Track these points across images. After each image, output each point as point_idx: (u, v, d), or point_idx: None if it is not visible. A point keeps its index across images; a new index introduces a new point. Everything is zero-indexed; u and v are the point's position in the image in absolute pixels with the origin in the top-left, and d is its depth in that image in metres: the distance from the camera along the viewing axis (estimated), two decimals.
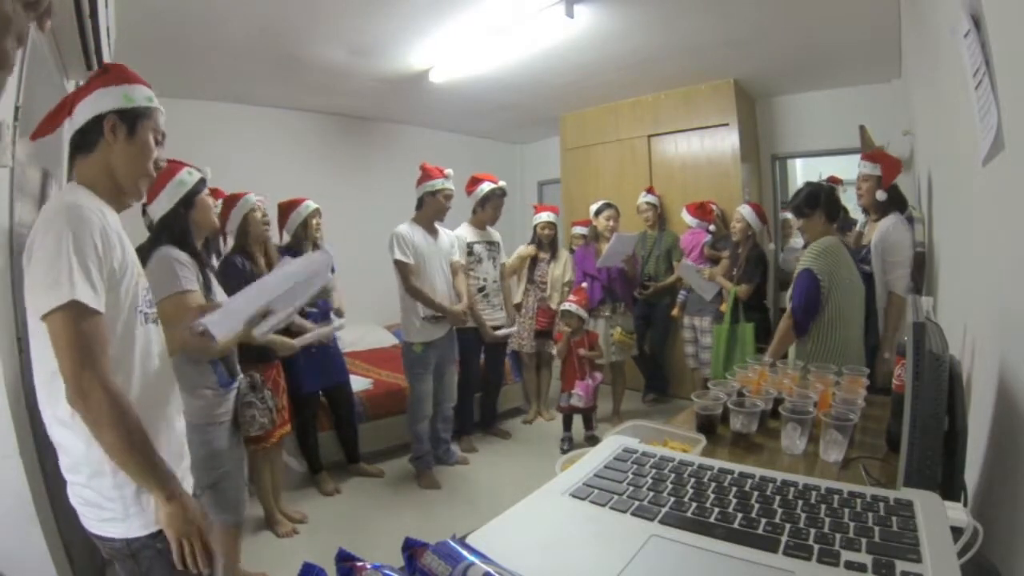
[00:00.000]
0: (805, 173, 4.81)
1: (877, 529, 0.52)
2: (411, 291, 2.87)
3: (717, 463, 0.69)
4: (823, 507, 0.57)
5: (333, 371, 2.92)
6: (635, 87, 4.32)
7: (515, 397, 4.19)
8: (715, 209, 3.96)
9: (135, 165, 1.10)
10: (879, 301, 2.48)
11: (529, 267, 3.88)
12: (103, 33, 1.74)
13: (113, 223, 1.06)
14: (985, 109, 0.81)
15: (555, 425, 3.73)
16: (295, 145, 4.69)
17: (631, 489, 0.63)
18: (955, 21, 0.96)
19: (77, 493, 1.05)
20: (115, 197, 1.11)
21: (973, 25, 0.84)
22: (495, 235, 3.48)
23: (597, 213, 3.79)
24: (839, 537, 0.51)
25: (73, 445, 1.01)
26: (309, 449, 2.94)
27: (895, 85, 3.69)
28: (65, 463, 1.05)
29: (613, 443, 0.77)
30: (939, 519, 0.53)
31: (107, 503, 1.03)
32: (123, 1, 2.27)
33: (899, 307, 2.43)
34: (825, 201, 2.26)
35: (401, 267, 2.87)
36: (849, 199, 3.17)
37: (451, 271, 3.04)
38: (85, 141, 1.08)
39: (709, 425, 1.09)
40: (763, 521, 0.55)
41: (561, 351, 3.33)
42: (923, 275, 2.46)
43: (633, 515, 0.58)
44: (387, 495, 2.94)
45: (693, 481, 0.64)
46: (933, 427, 0.68)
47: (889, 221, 2.50)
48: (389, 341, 4.60)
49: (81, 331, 0.94)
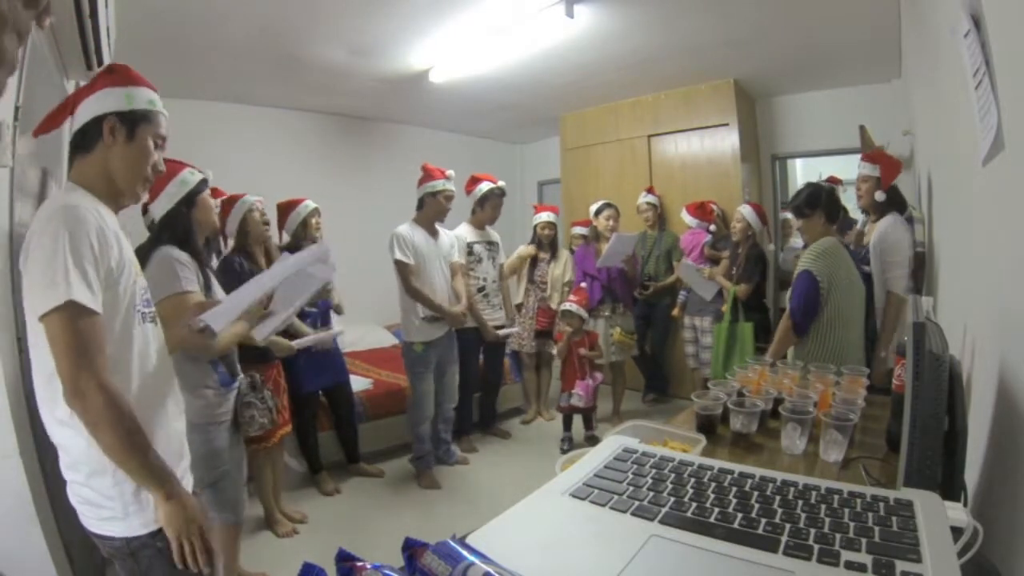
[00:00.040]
0: (805, 173, 4.81)
1: (877, 529, 0.52)
2: (411, 292, 2.88)
3: (717, 463, 0.69)
4: (823, 507, 0.57)
5: (333, 371, 2.92)
6: (635, 87, 4.32)
7: (515, 397, 4.18)
8: (715, 209, 3.96)
9: (133, 168, 1.10)
10: (877, 301, 2.49)
11: (529, 267, 3.88)
12: (103, 33, 1.74)
13: (110, 222, 1.05)
14: (985, 109, 0.81)
15: (555, 425, 3.73)
16: (295, 145, 4.69)
17: (631, 489, 0.63)
18: (955, 21, 0.96)
19: (76, 492, 1.05)
20: (112, 198, 1.11)
21: (973, 25, 0.84)
22: (494, 235, 3.48)
23: (597, 213, 3.79)
24: (839, 537, 0.51)
25: (73, 444, 1.01)
26: (309, 449, 2.94)
27: (895, 85, 3.69)
28: (65, 461, 1.05)
29: (613, 443, 0.77)
30: (939, 519, 0.53)
31: (106, 502, 1.03)
32: (123, 1, 2.26)
33: (897, 307, 2.44)
34: (825, 202, 2.26)
35: (401, 268, 2.87)
36: (849, 199, 3.18)
37: (450, 272, 3.04)
38: (84, 141, 1.08)
39: (709, 425, 1.09)
40: (763, 521, 0.55)
41: (562, 351, 3.33)
42: (923, 275, 2.47)
43: (633, 515, 0.58)
44: (387, 495, 2.94)
45: (693, 481, 0.64)
46: (933, 427, 0.68)
47: (887, 221, 2.50)
48: (389, 341, 4.60)
49: (78, 331, 0.93)
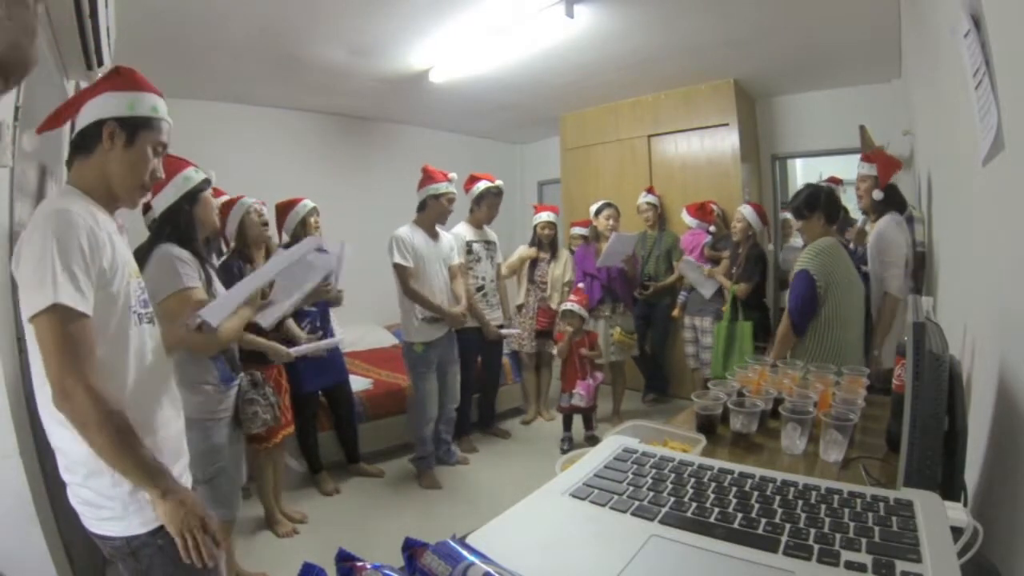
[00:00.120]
0: (805, 173, 4.82)
1: (877, 529, 0.52)
2: (409, 294, 2.88)
3: (717, 463, 0.69)
4: (823, 507, 0.57)
5: (333, 371, 2.92)
6: (635, 87, 4.32)
7: (515, 397, 4.18)
8: (715, 209, 3.96)
9: (130, 174, 1.10)
10: (874, 301, 2.49)
11: (529, 267, 3.88)
12: (103, 33, 1.74)
13: (104, 224, 1.05)
14: (985, 109, 0.81)
15: (555, 425, 3.73)
16: (295, 145, 4.69)
17: (631, 489, 0.63)
18: (955, 21, 0.96)
19: (75, 493, 1.06)
20: (108, 203, 1.11)
21: (973, 25, 0.84)
22: (491, 235, 3.49)
23: (597, 213, 3.79)
24: (839, 537, 0.51)
25: (69, 446, 1.01)
26: (309, 449, 2.94)
27: (895, 85, 3.69)
28: (62, 463, 1.05)
29: (613, 443, 0.77)
30: (939, 519, 0.53)
31: (105, 502, 1.03)
32: (123, 1, 2.26)
33: (892, 307, 2.44)
34: (825, 203, 2.26)
35: (400, 271, 2.87)
36: (849, 199, 3.18)
37: (449, 274, 3.04)
38: (84, 143, 1.08)
39: (709, 425, 1.09)
40: (763, 521, 0.55)
41: (562, 351, 3.32)
42: (923, 275, 2.47)
43: (633, 515, 0.58)
44: (387, 495, 2.94)
45: (693, 481, 0.64)
46: (933, 427, 0.67)
47: (885, 221, 2.51)
48: (389, 341, 4.60)
49: (66, 334, 0.93)
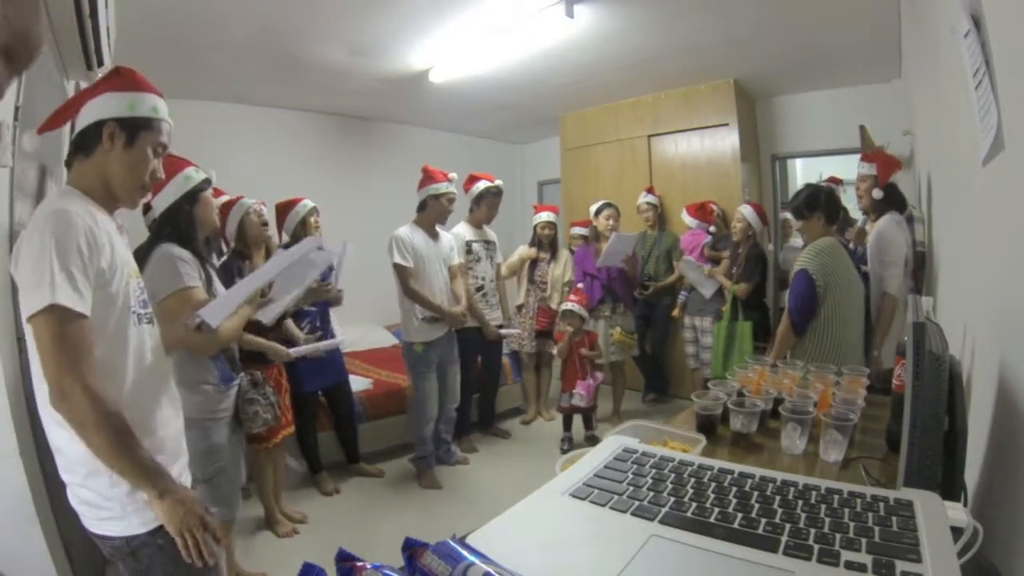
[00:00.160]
0: (805, 173, 4.81)
1: (877, 529, 0.52)
2: (409, 294, 2.88)
3: (717, 463, 0.69)
4: (823, 507, 0.57)
5: (332, 371, 2.92)
6: (635, 87, 4.32)
7: (514, 397, 4.18)
8: (715, 209, 3.96)
9: (130, 175, 1.10)
10: (874, 301, 2.49)
11: (529, 267, 3.89)
12: (103, 33, 1.74)
13: (103, 224, 1.05)
14: (985, 109, 0.81)
15: (555, 425, 3.73)
16: (295, 145, 4.69)
17: (631, 489, 0.63)
18: (955, 21, 0.96)
19: (75, 493, 1.06)
20: (108, 203, 1.11)
21: (973, 25, 0.84)
22: (491, 234, 3.49)
23: (597, 213, 3.79)
24: (839, 537, 0.51)
25: (68, 446, 1.01)
26: (309, 449, 2.94)
27: (895, 85, 3.69)
28: (62, 464, 1.05)
29: (613, 443, 0.77)
30: (939, 519, 0.53)
31: (105, 502, 1.03)
32: (123, 1, 2.26)
33: (891, 307, 2.44)
34: (824, 203, 2.26)
35: (400, 271, 2.87)
36: (849, 199, 3.18)
37: (449, 274, 3.04)
38: (84, 144, 1.08)
39: (709, 425, 1.09)
40: (763, 521, 0.54)
41: (563, 351, 3.32)
42: (923, 275, 2.46)
43: (633, 515, 0.58)
44: (387, 495, 2.94)
45: (693, 481, 0.64)
46: (933, 427, 0.67)
47: (884, 220, 2.50)
48: (389, 341, 4.60)
49: (63, 334, 0.93)
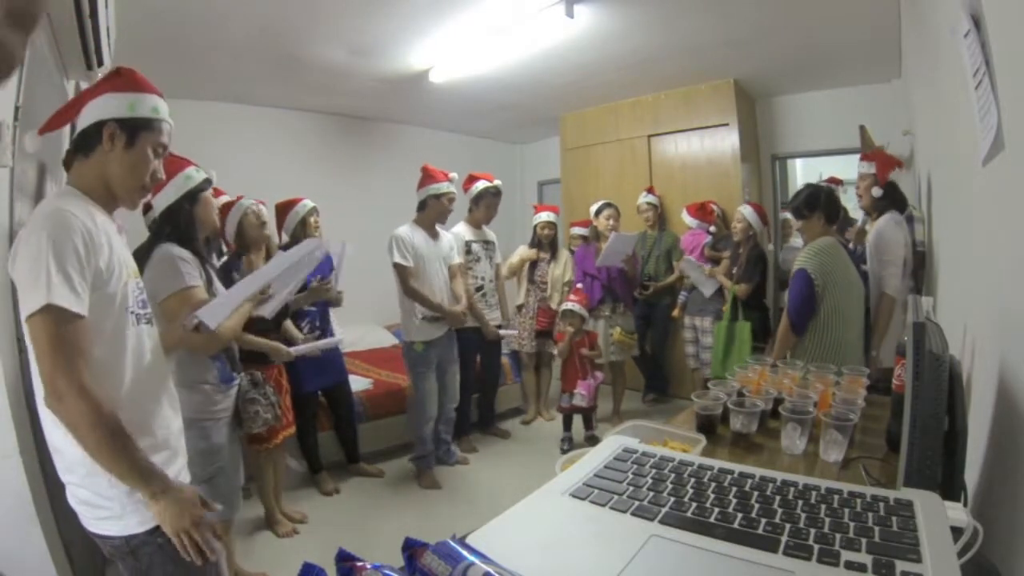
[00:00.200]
0: (805, 173, 4.81)
1: (877, 529, 0.52)
2: (409, 293, 2.88)
3: (717, 463, 0.69)
4: (823, 507, 0.57)
5: (332, 371, 2.92)
6: (635, 87, 4.32)
7: (514, 397, 4.18)
8: (715, 209, 3.96)
9: (130, 176, 1.10)
10: (873, 300, 2.49)
11: (529, 267, 3.89)
12: (103, 33, 1.74)
13: (102, 224, 1.05)
14: (985, 109, 0.81)
15: (555, 425, 3.73)
16: (295, 145, 4.69)
17: (631, 489, 0.63)
18: (955, 21, 0.96)
19: (74, 493, 1.06)
20: (107, 203, 1.11)
21: (973, 25, 0.84)
22: (490, 235, 3.49)
23: (597, 213, 3.79)
24: (839, 537, 0.51)
25: (67, 446, 1.01)
26: (309, 449, 2.94)
27: (895, 85, 3.69)
28: (61, 464, 1.05)
29: (613, 443, 0.77)
30: (939, 519, 0.53)
31: (104, 502, 1.03)
32: (123, 1, 2.26)
33: (888, 307, 2.43)
34: (824, 203, 2.26)
35: (400, 270, 2.87)
36: (849, 199, 3.18)
37: (449, 274, 3.04)
38: (85, 144, 1.08)
39: (709, 425, 1.09)
40: (763, 521, 0.54)
41: (563, 351, 3.32)
42: (923, 275, 2.46)
43: (633, 515, 0.58)
44: (387, 495, 2.94)
45: (693, 481, 0.64)
46: (933, 427, 0.67)
47: (884, 220, 2.51)
48: (389, 341, 4.60)
49: (59, 335, 0.93)
